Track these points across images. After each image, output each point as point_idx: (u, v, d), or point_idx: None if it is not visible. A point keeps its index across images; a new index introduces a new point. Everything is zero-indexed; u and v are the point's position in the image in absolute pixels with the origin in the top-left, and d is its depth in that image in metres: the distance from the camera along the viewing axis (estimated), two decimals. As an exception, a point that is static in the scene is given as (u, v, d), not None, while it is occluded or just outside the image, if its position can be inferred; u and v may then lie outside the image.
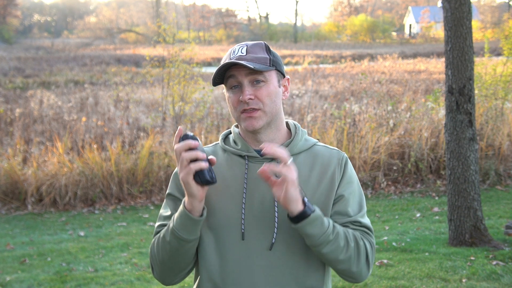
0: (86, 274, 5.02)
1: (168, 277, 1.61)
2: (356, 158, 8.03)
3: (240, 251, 1.55)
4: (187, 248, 1.53)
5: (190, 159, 1.41)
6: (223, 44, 51.57)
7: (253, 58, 1.52)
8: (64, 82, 21.84)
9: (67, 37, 71.39)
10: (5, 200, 8.05)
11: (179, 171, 1.44)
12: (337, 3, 77.17)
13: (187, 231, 1.50)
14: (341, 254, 1.50)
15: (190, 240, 1.51)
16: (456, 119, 4.91)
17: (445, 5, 4.85)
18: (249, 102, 1.52)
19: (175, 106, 9.91)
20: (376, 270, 4.55)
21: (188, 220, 1.48)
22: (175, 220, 1.51)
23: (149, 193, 8.20)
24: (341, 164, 1.61)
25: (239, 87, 1.54)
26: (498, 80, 8.86)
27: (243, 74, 1.52)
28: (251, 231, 1.55)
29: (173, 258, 1.55)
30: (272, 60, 1.56)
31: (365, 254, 1.55)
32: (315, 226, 1.45)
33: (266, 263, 1.54)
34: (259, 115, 1.54)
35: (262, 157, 1.58)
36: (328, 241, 1.47)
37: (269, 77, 1.55)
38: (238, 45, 1.59)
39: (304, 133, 1.66)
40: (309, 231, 1.45)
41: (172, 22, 11.47)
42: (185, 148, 1.42)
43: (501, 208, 6.59)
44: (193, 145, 1.42)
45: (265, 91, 1.53)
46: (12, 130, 10.61)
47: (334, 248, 1.49)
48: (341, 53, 35.53)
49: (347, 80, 18.53)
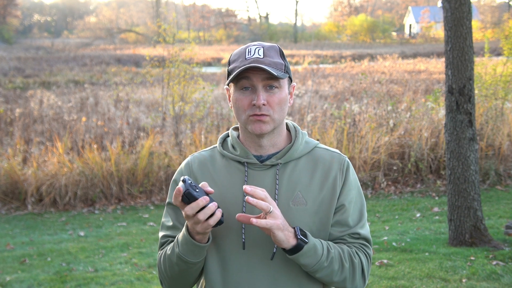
0: (86, 274, 5.02)
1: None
2: (356, 158, 8.03)
3: (241, 260, 1.54)
4: (196, 267, 1.54)
5: (207, 217, 1.40)
6: (223, 44, 51.57)
7: (271, 63, 1.49)
8: (64, 82, 21.84)
9: (67, 37, 71.36)
10: (5, 200, 8.05)
11: (195, 227, 1.43)
12: (337, 3, 77.15)
13: (194, 255, 1.50)
14: (335, 277, 1.52)
15: (198, 262, 1.52)
16: (456, 119, 4.91)
17: (445, 5, 4.85)
18: (261, 108, 1.49)
19: (175, 106, 9.91)
20: (376, 270, 4.55)
21: (194, 246, 1.48)
22: (180, 245, 1.50)
23: (149, 193, 8.20)
24: (343, 169, 1.59)
25: (251, 89, 1.51)
26: (498, 80, 8.86)
27: (259, 78, 1.49)
28: (252, 241, 1.53)
29: (182, 276, 1.56)
30: (286, 66, 1.54)
31: (360, 270, 1.56)
32: (308, 257, 1.46)
33: (267, 272, 1.53)
34: (267, 120, 1.51)
35: (262, 163, 1.56)
36: (322, 268, 1.49)
37: (283, 84, 1.53)
38: (254, 45, 1.53)
39: (304, 136, 1.64)
40: (303, 261, 1.47)
41: (172, 22, 11.46)
42: (196, 210, 1.39)
43: (501, 208, 6.59)
44: (202, 203, 1.38)
45: (277, 98, 1.51)
46: (12, 130, 10.60)
47: (328, 272, 1.51)
48: (341, 53, 35.52)
49: (347, 80, 18.53)
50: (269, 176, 1.56)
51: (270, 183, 1.55)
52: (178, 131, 9.57)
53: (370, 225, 6.36)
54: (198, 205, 1.37)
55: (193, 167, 1.63)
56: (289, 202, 1.54)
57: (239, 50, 1.56)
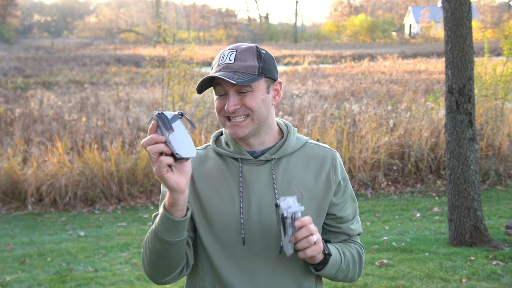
0: (86, 274, 5.02)
1: (158, 276, 1.56)
2: (356, 158, 8.03)
3: (241, 255, 1.55)
4: (173, 250, 1.48)
5: (157, 153, 1.32)
6: (223, 44, 51.55)
7: (240, 67, 1.49)
8: (64, 82, 21.85)
9: (67, 37, 71.41)
10: (5, 200, 8.05)
11: (152, 166, 1.35)
12: (337, 3, 77.20)
13: (169, 233, 1.44)
14: (349, 274, 1.65)
15: (174, 242, 1.46)
16: (456, 119, 4.91)
17: (445, 5, 4.85)
18: (235, 111, 1.50)
19: (175, 106, 9.91)
20: (376, 270, 4.55)
21: (168, 221, 1.42)
22: (157, 222, 1.46)
23: (149, 193, 8.20)
24: (335, 164, 1.63)
25: (226, 95, 1.52)
26: (498, 80, 8.86)
27: (229, 84, 1.50)
28: (251, 235, 1.55)
29: (160, 259, 1.51)
30: (261, 67, 1.52)
31: (363, 263, 1.70)
32: (332, 267, 1.55)
33: (267, 267, 1.56)
34: (246, 123, 1.52)
35: (256, 159, 1.58)
36: (341, 272, 1.60)
37: (256, 86, 1.52)
38: (228, 50, 1.54)
39: (295, 132, 1.66)
40: (328, 273, 1.56)
41: (172, 22, 11.47)
42: (150, 143, 1.33)
43: (501, 208, 6.59)
44: (158, 139, 1.31)
45: (251, 99, 1.51)
46: (12, 130, 10.61)
47: (345, 274, 1.62)
48: (341, 53, 35.54)
49: (347, 80, 18.53)
50: (264, 171, 1.57)
51: (265, 178, 1.57)
52: (178, 131, 9.55)
53: (370, 225, 6.36)
54: (152, 139, 1.32)
55: None
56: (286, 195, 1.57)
57: (218, 54, 1.58)
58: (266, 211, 1.54)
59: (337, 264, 1.55)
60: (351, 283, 4.23)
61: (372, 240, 5.55)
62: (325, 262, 1.51)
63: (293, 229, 1.39)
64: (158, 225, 1.45)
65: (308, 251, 1.40)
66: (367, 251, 5.16)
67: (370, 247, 5.25)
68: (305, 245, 1.39)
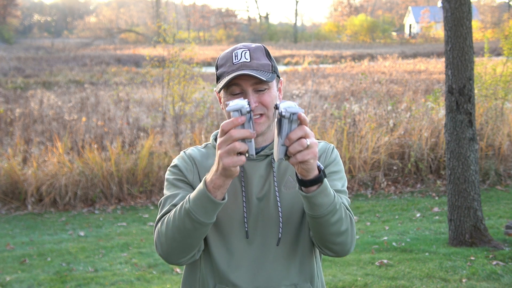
0: (86, 274, 5.02)
1: (176, 255, 1.55)
2: (356, 158, 8.03)
3: (245, 249, 1.59)
4: (202, 230, 1.48)
5: (238, 139, 1.31)
6: (223, 44, 51.55)
7: (258, 66, 1.53)
8: (64, 82, 21.85)
9: (67, 37, 71.38)
10: (5, 200, 8.05)
11: (221, 148, 1.33)
12: (337, 3, 77.17)
13: (205, 213, 1.44)
14: (344, 224, 1.49)
15: (206, 223, 1.46)
16: (456, 119, 4.91)
17: (445, 5, 4.85)
18: (254, 110, 1.52)
19: (175, 106, 9.91)
20: (376, 270, 4.55)
21: (209, 202, 1.42)
22: (191, 201, 1.45)
23: (149, 193, 8.20)
24: (328, 151, 1.66)
25: (241, 94, 1.54)
26: (498, 80, 8.86)
27: (248, 83, 1.52)
28: (255, 229, 1.59)
29: (186, 238, 1.49)
30: (273, 66, 1.58)
31: (353, 224, 1.56)
32: (326, 195, 1.42)
33: (272, 258, 1.59)
34: (263, 120, 1.56)
35: (257, 154, 1.61)
36: (335, 210, 1.45)
37: (271, 84, 1.57)
38: (240, 48, 1.56)
39: None
40: (321, 200, 1.42)
41: (172, 22, 11.47)
42: (238, 131, 1.31)
43: (501, 208, 6.59)
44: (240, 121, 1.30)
45: (268, 97, 1.55)
46: (12, 130, 10.60)
47: (339, 217, 1.47)
48: (341, 53, 35.54)
49: (347, 80, 18.53)
50: (263, 166, 1.62)
51: (265, 172, 1.61)
52: (178, 131, 9.57)
53: (370, 225, 6.36)
54: (236, 121, 1.30)
55: (196, 157, 1.68)
56: (281, 187, 1.61)
57: (225, 54, 1.59)
58: (267, 205, 1.59)
59: (330, 197, 1.42)
60: (351, 283, 4.23)
61: (372, 240, 5.55)
62: (319, 181, 1.39)
63: (289, 131, 1.31)
64: (193, 205, 1.44)
65: (299, 155, 1.30)
66: (367, 251, 5.16)
67: (370, 247, 5.25)
68: (297, 148, 1.29)
